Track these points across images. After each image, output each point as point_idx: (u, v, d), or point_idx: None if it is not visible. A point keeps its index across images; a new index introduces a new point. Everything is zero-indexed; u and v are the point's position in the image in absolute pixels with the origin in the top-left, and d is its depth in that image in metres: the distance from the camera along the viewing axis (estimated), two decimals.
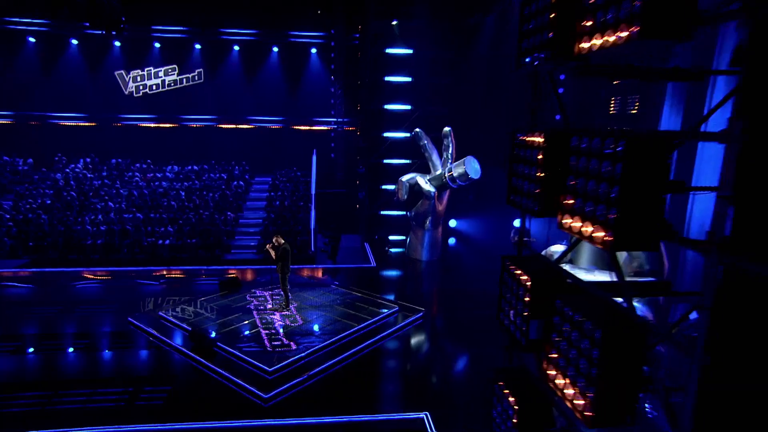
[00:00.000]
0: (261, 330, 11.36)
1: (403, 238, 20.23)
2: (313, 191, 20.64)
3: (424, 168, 18.09)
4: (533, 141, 4.03)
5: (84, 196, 20.75)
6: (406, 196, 17.40)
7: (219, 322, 11.80)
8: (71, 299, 14.01)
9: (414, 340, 11.83)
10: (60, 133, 23.97)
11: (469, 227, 21.57)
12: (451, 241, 21.13)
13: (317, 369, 9.75)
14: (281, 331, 11.38)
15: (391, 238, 20.64)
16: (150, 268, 16.97)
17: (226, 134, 25.04)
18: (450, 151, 16.82)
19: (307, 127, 25.40)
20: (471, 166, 15.82)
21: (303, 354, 10.13)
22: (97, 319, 12.58)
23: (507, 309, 4.54)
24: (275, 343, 10.66)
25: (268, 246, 12.52)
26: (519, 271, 4.32)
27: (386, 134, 20.39)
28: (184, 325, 11.62)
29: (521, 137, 4.33)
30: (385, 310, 12.72)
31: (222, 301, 13.34)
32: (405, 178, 17.51)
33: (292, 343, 10.69)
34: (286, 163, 24.70)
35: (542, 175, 3.89)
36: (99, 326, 12.18)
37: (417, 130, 17.46)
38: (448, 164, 16.72)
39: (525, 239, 15.80)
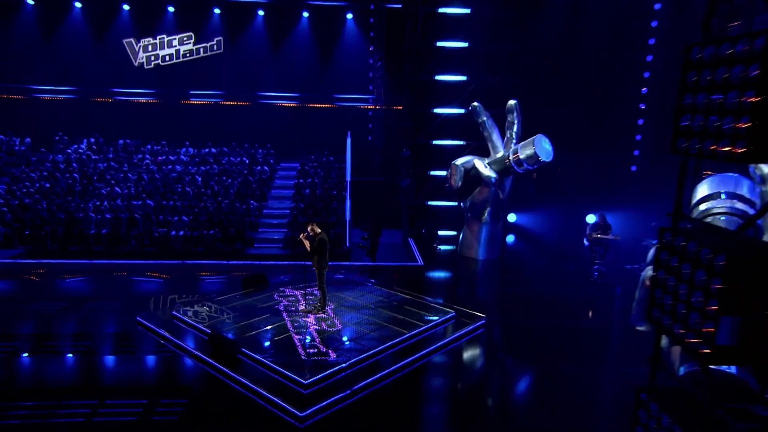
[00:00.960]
0: (293, 335, 10.76)
1: (455, 233, 19.57)
2: (348, 178, 20.10)
3: (481, 150, 17.36)
4: (740, 51, 3.08)
5: (87, 180, 20.59)
6: (460, 183, 16.74)
7: (243, 325, 11.26)
8: (71, 295, 13.81)
9: (478, 352, 11.10)
10: (61, 109, 23.91)
11: (531, 223, 20.86)
12: (509, 238, 20.27)
13: (363, 383, 9.05)
14: (317, 336, 10.72)
15: (440, 233, 19.96)
16: (161, 262, 16.67)
17: (249, 112, 24.80)
18: (515, 129, 15.96)
19: (342, 105, 25.06)
20: (541, 147, 14.92)
21: (344, 365, 9.49)
22: (100, 317, 12.25)
23: (670, 302, 3.60)
24: (310, 350, 10.05)
25: (302, 236, 11.95)
26: (697, 248, 3.38)
27: (437, 110, 19.73)
28: (203, 327, 11.10)
29: (706, 54, 3.39)
30: (438, 317, 11.96)
31: (246, 301, 12.81)
32: (459, 161, 16.81)
33: (330, 351, 10.04)
34: (317, 146, 24.30)
35: (757, 99, 2.95)
36: (103, 326, 11.83)
37: (475, 104, 16.71)
38: (512, 144, 15.88)
39: (606, 237, 14.89)
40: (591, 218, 19.43)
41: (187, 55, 24.14)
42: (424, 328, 11.30)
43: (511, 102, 15.85)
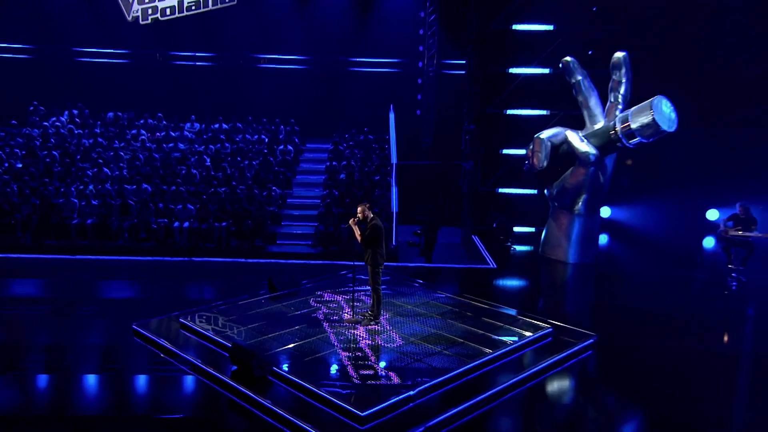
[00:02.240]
0: (339, 351, 10.15)
1: (533, 230, 19.21)
2: (394, 160, 19.84)
3: (570, 122, 16.79)
4: None
5: (69, 159, 20.37)
6: (545, 163, 15.90)
7: (272, 337, 10.70)
8: (47, 297, 13.83)
9: (592, 381, 10.37)
10: (37, 73, 23.84)
11: (629, 218, 20.45)
12: (602, 238, 19.66)
13: (439, 418, 8.31)
14: (371, 354, 10.09)
15: (515, 229, 19.43)
16: (161, 259, 16.60)
17: (268, 80, 24.71)
18: (622, 92, 15.08)
19: (383, 71, 24.87)
20: (661, 113, 13.89)
21: (412, 392, 8.77)
22: (85, 326, 12.04)
23: None
24: (365, 372, 9.39)
25: (351, 221, 11.37)
26: None
27: (513, 70, 19.20)
28: (220, 339, 10.55)
29: None
30: (530, 333, 11.21)
31: (273, 307, 12.32)
32: (545, 134, 15.98)
33: (391, 373, 9.35)
34: (352, 121, 24.00)
35: None
36: (89, 336, 11.59)
37: (567, 59, 15.88)
38: (617, 111, 15.00)
39: (752, 234, 13.87)
40: (713, 214, 18.57)
41: (193, 7, 23.60)
42: (513, 347, 10.57)
43: (619, 54, 14.96)
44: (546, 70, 18.73)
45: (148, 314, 11.91)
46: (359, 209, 11.26)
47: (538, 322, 11.67)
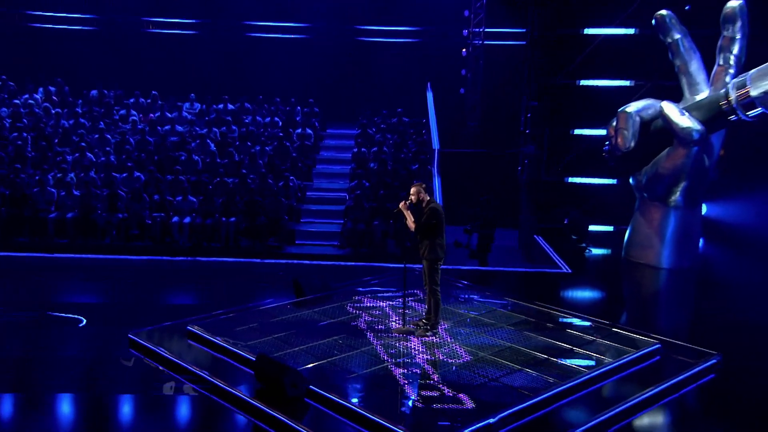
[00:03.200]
0: (391, 367, 9.69)
1: (611, 228, 18.76)
2: (435, 146, 19.61)
3: (663, 93, 15.92)
4: None
5: (46, 142, 20.16)
6: (633, 143, 15.13)
7: (303, 349, 10.31)
8: (23, 301, 13.47)
9: (718, 413, 9.64)
10: (8, 42, 23.91)
11: (729, 216, 19.45)
12: None
13: None
14: (432, 371, 9.63)
15: (591, 228, 18.87)
16: (158, 259, 16.43)
17: (282, 52, 24.66)
18: (735, 52, 14.30)
19: (419, 42, 24.77)
20: None
21: (492, 420, 8.22)
22: (71, 335, 11.74)
23: None
24: (427, 393, 8.94)
25: (402, 205, 10.88)
26: None
27: (589, 31, 18.72)
28: (240, 351, 10.12)
29: None
30: (632, 349, 10.70)
31: (301, 313, 12.01)
32: (632, 107, 15.22)
33: (462, 395, 8.82)
34: (380, 102, 23.88)
35: None
36: (75, 348, 11.26)
37: (663, 12, 15.11)
38: (729, 77, 14.21)
39: None
40: None
41: None
42: (613, 366, 10.00)
43: (734, 4, 14.12)
44: (630, 30, 18.18)
45: (145, 322, 11.61)
46: (413, 190, 10.84)
47: (640, 337, 11.14)
